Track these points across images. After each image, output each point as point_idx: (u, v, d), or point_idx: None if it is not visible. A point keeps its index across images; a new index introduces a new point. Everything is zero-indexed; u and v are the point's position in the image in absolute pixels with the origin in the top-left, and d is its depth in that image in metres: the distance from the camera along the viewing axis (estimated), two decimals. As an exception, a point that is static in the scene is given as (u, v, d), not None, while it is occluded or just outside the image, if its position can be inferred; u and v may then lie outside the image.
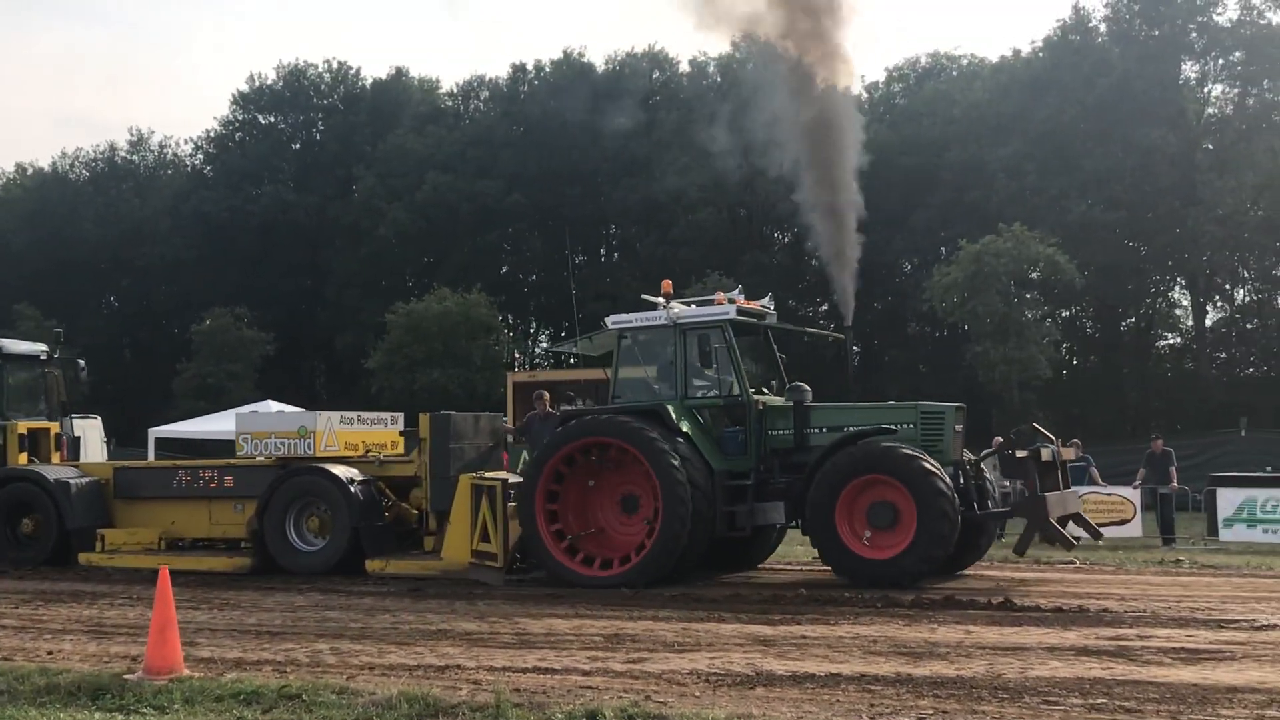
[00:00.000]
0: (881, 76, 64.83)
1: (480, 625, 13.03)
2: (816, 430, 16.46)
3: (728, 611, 13.79)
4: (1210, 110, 54.60)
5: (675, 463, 15.65)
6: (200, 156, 74.05)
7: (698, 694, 9.28)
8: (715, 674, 10.04)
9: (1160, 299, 57.14)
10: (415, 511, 18.53)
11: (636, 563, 15.92)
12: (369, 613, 14.09)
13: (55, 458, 21.57)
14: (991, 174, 52.36)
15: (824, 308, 64.08)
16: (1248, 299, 56.20)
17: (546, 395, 19.69)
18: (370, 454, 19.00)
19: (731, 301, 17.25)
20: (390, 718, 8.68)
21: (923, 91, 60.61)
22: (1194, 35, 53.19)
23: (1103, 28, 54.76)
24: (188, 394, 54.28)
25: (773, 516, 16.41)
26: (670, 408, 16.25)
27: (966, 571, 17.04)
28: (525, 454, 19.34)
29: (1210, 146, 52.83)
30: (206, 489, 19.33)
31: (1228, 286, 55.77)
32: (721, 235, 58.55)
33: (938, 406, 16.48)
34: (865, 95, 64.67)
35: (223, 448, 28.70)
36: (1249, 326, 55.58)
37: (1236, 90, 54.40)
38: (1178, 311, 57.60)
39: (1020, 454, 16.24)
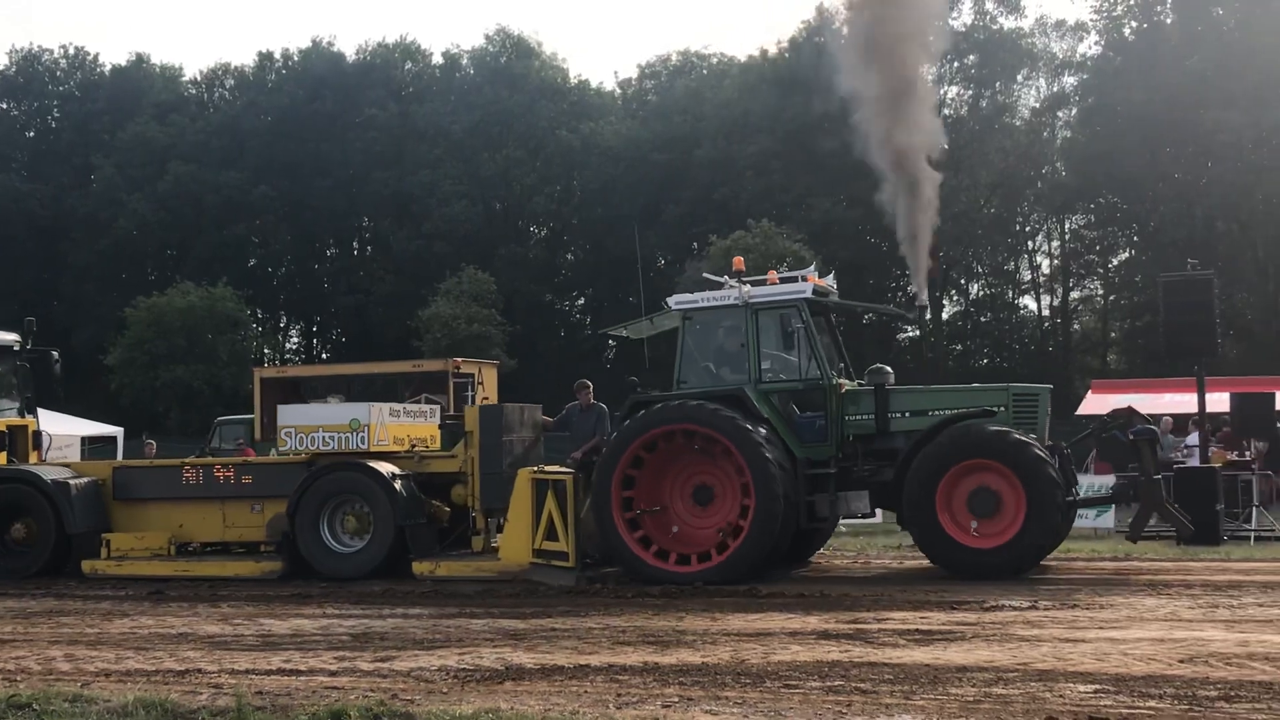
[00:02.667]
0: (634, 73, 65.64)
1: (223, 628, 12.66)
2: (899, 415, 15.57)
3: (479, 607, 13.72)
4: (946, 111, 56.83)
5: (768, 453, 14.78)
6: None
7: (446, 690, 9.20)
8: (464, 670, 9.96)
9: (901, 294, 59.19)
10: (448, 510, 17.24)
11: (728, 556, 14.99)
12: (106, 617, 13.54)
13: (33, 457, 19.68)
14: (740, 171, 53.51)
15: (580, 301, 64.56)
16: (981, 293, 58.78)
17: (590, 386, 18.13)
18: (416, 448, 17.84)
19: (804, 279, 16.24)
20: (125, 726, 8.36)
21: (674, 89, 61.49)
22: (931, 38, 55.23)
23: (845, 29, 56.41)
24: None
25: (856, 506, 15.61)
26: (751, 394, 15.42)
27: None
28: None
29: (946, 146, 54.89)
30: (220, 488, 17.75)
31: (963, 281, 58.26)
32: (476, 229, 58.31)
33: (1032, 388, 15.91)
34: (618, 91, 65.39)
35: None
36: (982, 320, 58.15)
37: (970, 92, 56.86)
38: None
39: (1134, 437, 15.60)
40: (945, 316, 57.71)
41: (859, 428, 15.61)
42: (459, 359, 27.01)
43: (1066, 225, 56.27)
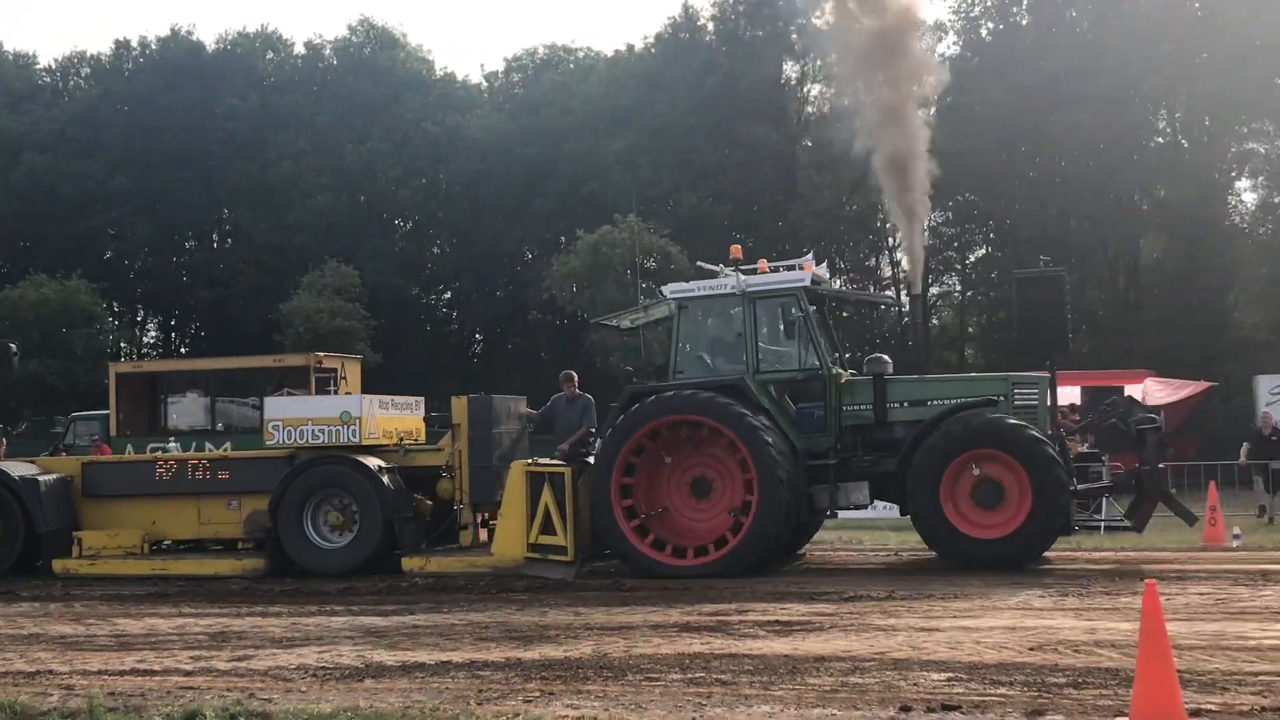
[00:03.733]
0: (501, 66, 65.33)
1: (76, 628, 12.39)
2: (897, 405, 15.44)
3: (339, 604, 13.62)
4: (809, 109, 57.58)
5: (771, 442, 14.61)
6: None
7: (304, 689, 9.11)
8: (323, 668, 9.88)
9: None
10: (429, 504, 17.00)
11: (730, 549, 14.81)
12: (-47, 620, 13.17)
13: None
14: (608, 166, 53.57)
15: (446, 295, 64.11)
16: (844, 288, 59.44)
17: (575, 377, 17.74)
18: (404, 441, 17.47)
19: (801, 269, 16.01)
20: (-30, 731, 8.15)
21: (541, 82, 61.36)
22: (794, 37, 55.96)
23: (710, 27, 56.94)
24: None
25: (856, 498, 15.43)
26: (751, 384, 15.20)
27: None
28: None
29: (809, 144, 55.69)
30: (195, 484, 17.31)
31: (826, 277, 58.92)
32: (340, 221, 57.58)
33: (1031, 377, 15.86)
34: (485, 84, 65.07)
35: None
36: (844, 314, 58.90)
37: (833, 90, 57.57)
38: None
39: (1141, 425, 15.59)
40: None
41: (857, 418, 15.50)
42: (321, 354, 26.80)
43: (926, 222, 57.18)
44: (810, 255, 16.54)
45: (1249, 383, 33.61)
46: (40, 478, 17.30)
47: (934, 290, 56.81)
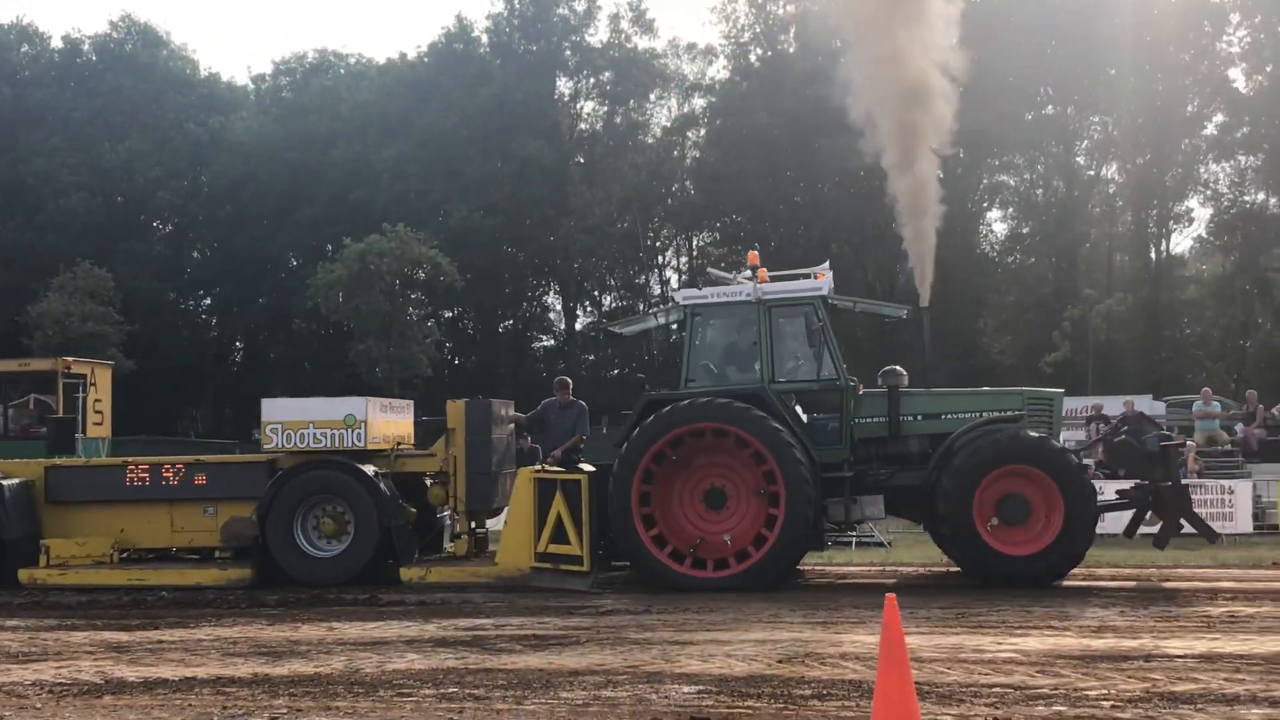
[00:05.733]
0: (269, 69, 64.00)
1: None
2: (910, 418, 15.19)
3: (81, 619, 13.11)
4: (582, 125, 58.00)
5: (799, 454, 14.23)
6: None
7: (39, 705, 8.74)
8: (61, 684, 9.49)
9: (536, 303, 59.97)
10: (414, 511, 16.17)
11: (755, 562, 14.38)
12: None
13: None
14: (377, 174, 53.01)
15: (206, 301, 62.36)
16: (614, 305, 60.12)
17: (570, 383, 17.24)
18: (401, 445, 16.67)
19: (815, 276, 15.58)
20: None
21: (310, 87, 60.32)
22: (568, 53, 56.37)
23: (484, 39, 56.88)
24: None
25: (871, 511, 15.04)
26: (770, 393, 14.76)
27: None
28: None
29: (581, 160, 56.11)
30: (168, 490, 16.29)
31: (596, 293, 59.49)
32: (95, 222, 55.45)
33: (1046, 392, 15.69)
34: (252, 87, 63.65)
35: None
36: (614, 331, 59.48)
37: (606, 108, 58.17)
38: (551, 315, 60.74)
39: (1165, 443, 15.50)
40: (579, 327, 58.81)
41: (869, 430, 15.23)
42: (70, 359, 25.74)
43: (694, 242, 58.25)
44: (826, 265, 16.22)
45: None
46: (3, 483, 16.23)
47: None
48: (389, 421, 16.59)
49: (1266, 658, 9.73)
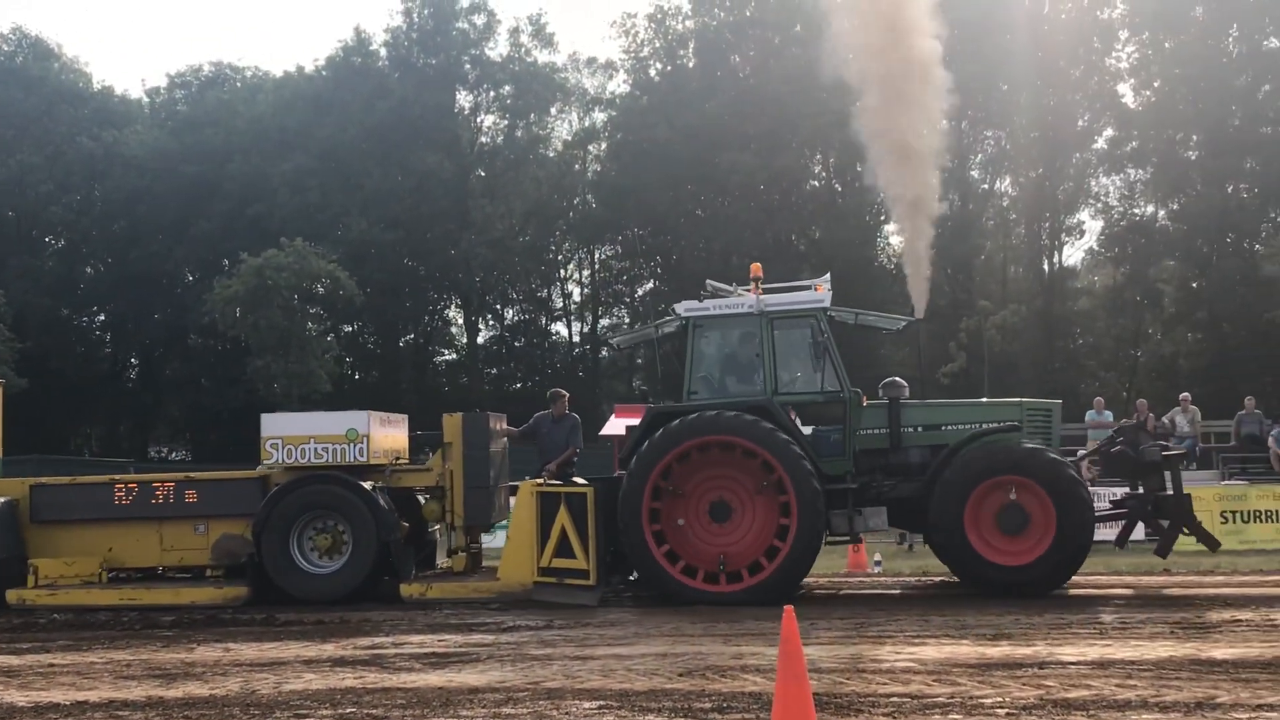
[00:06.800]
0: (164, 82, 63.05)
1: None
2: (910, 429, 15.17)
3: (-32, 644, 12.78)
4: (483, 139, 57.83)
5: (809, 466, 14.17)
6: None
7: (-80, 738, 8.52)
8: (-54, 714, 9.26)
9: (437, 317, 59.63)
10: (406, 526, 15.84)
11: (768, 575, 14.27)
12: None
13: None
14: (274, 188, 52.41)
15: (101, 317, 61.23)
16: (517, 318, 59.98)
17: (566, 395, 16.98)
18: (399, 460, 16.30)
19: (815, 289, 15.51)
20: None
21: (205, 100, 59.49)
22: (468, 67, 56.17)
23: (383, 52, 56.53)
24: None
25: (874, 523, 15.02)
26: (775, 405, 14.64)
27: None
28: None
29: (483, 173, 55.94)
30: (157, 508, 15.92)
31: (498, 306, 59.30)
32: (-17, 237, 54.34)
33: (1044, 403, 15.70)
34: (146, 100, 62.67)
35: None
36: (517, 344, 59.31)
37: (506, 122, 58.06)
38: (453, 329, 60.41)
39: (1168, 453, 15.58)
40: (481, 340, 58.57)
41: (870, 441, 15.22)
42: (-44, 377, 25.14)
43: (596, 255, 58.30)
44: (826, 277, 16.15)
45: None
46: None
47: (603, 322, 57.86)
48: (388, 436, 16.47)
49: (1157, 663, 9.92)
